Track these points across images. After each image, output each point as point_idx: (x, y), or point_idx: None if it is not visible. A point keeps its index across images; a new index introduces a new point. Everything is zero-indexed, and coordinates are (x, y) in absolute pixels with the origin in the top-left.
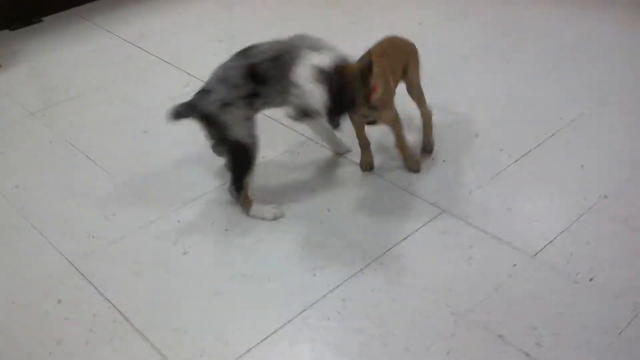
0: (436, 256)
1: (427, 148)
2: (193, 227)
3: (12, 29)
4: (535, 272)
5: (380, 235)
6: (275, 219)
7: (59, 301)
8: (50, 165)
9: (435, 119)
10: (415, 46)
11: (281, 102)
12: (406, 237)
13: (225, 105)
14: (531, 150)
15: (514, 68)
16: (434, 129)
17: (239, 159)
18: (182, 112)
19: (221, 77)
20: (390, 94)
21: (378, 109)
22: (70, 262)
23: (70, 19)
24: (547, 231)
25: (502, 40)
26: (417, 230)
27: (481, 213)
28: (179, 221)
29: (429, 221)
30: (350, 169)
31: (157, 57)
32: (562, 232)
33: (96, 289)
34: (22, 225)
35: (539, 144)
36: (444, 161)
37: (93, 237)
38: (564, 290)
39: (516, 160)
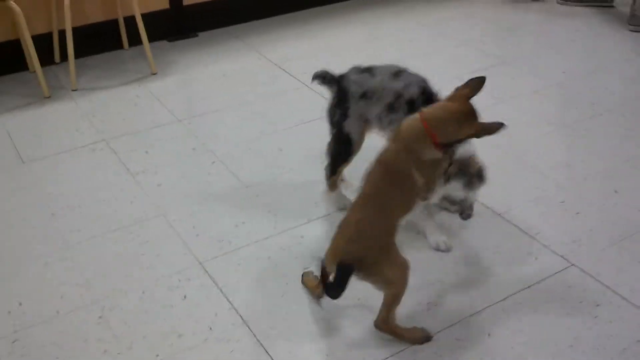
0: (559, 310)
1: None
2: (315, 244)
3: (170, 41)
4: None
5: (502, 280)
6: (339, 210)
7: (185, 297)
8: (190, 170)
9: (568, 174)
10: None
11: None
12: (529, 286)
13: (364, 96)
14: None
15: None
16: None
17: (341, 148)
18: (326, 78)
19: (391, 76)
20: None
21: None
22: (199, 262)
23: (224, 36)
24: None
25: None
26: (542, 280)
27: (613, 272)
28: (302, 237)
29: (555, 272)
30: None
31: (299, 80)
32: None
33: (220, 290)
34: (159, 221)
35: None
36: (577, 213)
37: (222, 241)
38: None
39: None
